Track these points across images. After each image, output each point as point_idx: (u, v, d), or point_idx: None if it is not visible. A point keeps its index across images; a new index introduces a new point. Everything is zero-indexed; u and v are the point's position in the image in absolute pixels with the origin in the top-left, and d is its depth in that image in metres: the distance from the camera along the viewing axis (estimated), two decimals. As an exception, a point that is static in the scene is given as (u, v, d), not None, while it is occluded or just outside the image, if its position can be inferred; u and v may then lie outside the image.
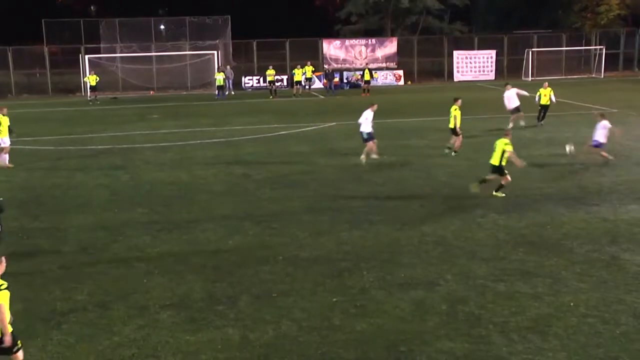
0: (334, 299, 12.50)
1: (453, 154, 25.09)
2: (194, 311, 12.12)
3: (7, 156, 24.97)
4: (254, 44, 55.31)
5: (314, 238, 16.07)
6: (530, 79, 56.64)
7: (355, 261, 14.44)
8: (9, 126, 24.87)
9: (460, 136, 25.02)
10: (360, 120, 24.58)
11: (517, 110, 31.13)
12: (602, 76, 57.97)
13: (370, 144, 24.27)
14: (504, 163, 19.18)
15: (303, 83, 50.40)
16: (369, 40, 57.78)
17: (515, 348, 10.51)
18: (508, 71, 58.78)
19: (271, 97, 47.24)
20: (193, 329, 11.39)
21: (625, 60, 61.70)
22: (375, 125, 24.76)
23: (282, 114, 38.58)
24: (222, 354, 10.56)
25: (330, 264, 14.33)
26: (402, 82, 55.90)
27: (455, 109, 24.68)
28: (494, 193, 19.33)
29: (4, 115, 24.82)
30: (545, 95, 31.87)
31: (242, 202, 19.46)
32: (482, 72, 57.68)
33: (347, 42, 57.69)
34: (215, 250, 15.38)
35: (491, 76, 57.46)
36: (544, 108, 31.87)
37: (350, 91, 51.38)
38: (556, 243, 15.42)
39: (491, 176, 19.51)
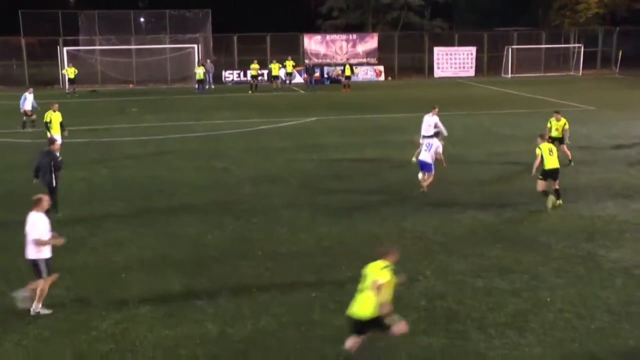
0: (313, 294, 12.54)
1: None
2: (173, 306, 12.11)
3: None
4: (235, 38, 55.12)
5: (293, 233, 16.09)
6: (510, 76, 56.95)
7: (335, 256, 14.48)
8: (60, 122, 24.37)
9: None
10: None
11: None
12: (581, 74, 58.40)
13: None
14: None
15: (283, 78, 50.32)
16: (350, 36, 57.80)
17: (493, 343, 10.61)
18: (488, 68, 59.08)
19: (251, 91, 47.13)
20: (172, 324, 11.38)
21: (603, 58, 62.19)
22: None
23: (262, 108, 38.51)
24: (201, 348, 10.56)
25: (309, 259, 14.37)
26: (382, 78, 55.99)
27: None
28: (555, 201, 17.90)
29: (55, 111, 24.27)
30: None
31: (222, 197, 19.43)
32: (462, 69, 57.88)
33: (328, 37, 57.68)
34: (194, 245, 15.35)
35: (471, 73, 57.70)
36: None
37: (330, 86, 51.41)
38: (533, 239, 15.55)
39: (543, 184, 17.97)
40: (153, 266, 13.98)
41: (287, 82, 50.89)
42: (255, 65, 48.85)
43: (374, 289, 9.35)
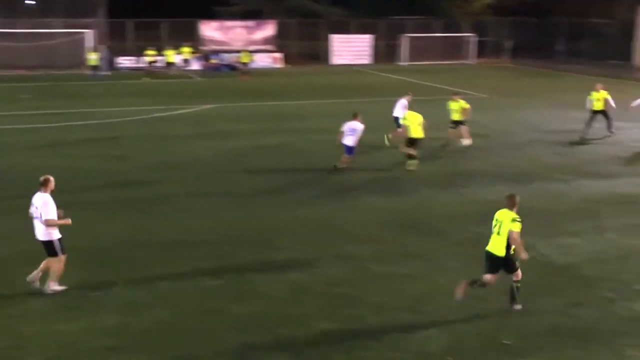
0: (213, 283, 12.48)
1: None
2: (69, 299, 11.80)
3: None
4: (130, 23, 53.87)
5: (192, 222, 15.94)
6: (406, 63, 57.95)
7: (234, 245, 14.45)
8: None
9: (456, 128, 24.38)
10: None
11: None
12: (474, 62, 60.03)
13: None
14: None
15: (180, 64, 49.59)
16: (248, 22, 57.44)
17: (390, 327, 10.83)
18: (384, 56, 59.90)
19: (147, 78, 46.21)
20: (68, 318, 11.09)
21: (495, 47, 64.11)
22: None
23: (159, 95, 37.84)
24: (99, 341, 10.34)
25: (208, 247, 14.27)
26: (280, 65, 55.94)
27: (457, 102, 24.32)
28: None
29: None
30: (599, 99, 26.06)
31: (118, 186, 19.02)
32: (359, 56, 58.48)
33: (226, 23, 57.12)
34: (90, 236, 14.95)
35: (368, 60, 58.37)
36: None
37: (228, 73, 50.95)
38: (430, 224, 15.96)
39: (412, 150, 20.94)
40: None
41: (184, 68, 50.17)
42: (151, 52, 47.93)
43: (511, 238, 11.03)
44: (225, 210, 16.88)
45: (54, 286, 12.04)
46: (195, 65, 51.94)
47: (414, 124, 20.90)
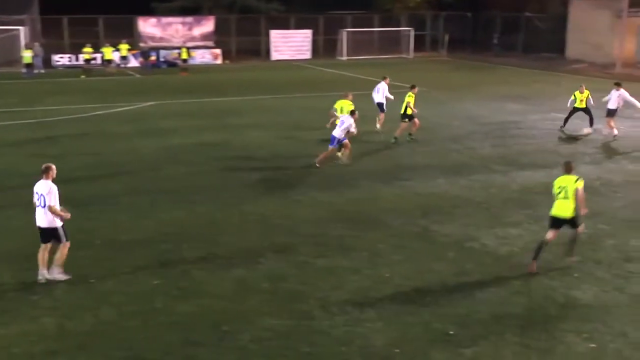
0: (155, 282, 12.33)
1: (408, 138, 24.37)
2: (5, 302, 11.51)
3: None
4: (65, 20, 52.77)
5: (133, 220, 15.72)
6: (345, 58, 58.15)
7: (176, 242, 14.30)
8: None
9: (407, 122, 24.15)
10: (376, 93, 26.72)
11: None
12: (412, 56, 60.60)
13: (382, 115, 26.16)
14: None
15: (118, 61, 48.86)
16: (186, 19, 56.85)
17: (336, 321, 10.86)
18: (324, 51, 60.01)
19: (84, 76, 45.34)
20: (4, 322, 10.80)
21: (432, 41, 64.88)
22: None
23: (97, 93, 37.15)
24: (37, 346, 10.10)
25: (150, 246, 14.09)
26: (220, 61, 55.51)
27: (410, 96, 24.02)
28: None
29: None
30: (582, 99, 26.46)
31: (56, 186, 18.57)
32: (298, 52, 58.47)
33: (164, 20, 56.41)
34: (26, 236, 14.55)
35: (308, 55, 58.40)
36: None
37: (167, 70, 50.38)
38: (373, 217, 16.05)
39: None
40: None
41: (122, 65, 49.43)
42: (88, 49, 47.01)
43: (579, 195, 12.38)
44: (167, 208, 16.68)
45: (58, 274, 12.24)
46: (134, 62, 51.21)
47: (338, 109, 22.19)
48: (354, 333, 10.49)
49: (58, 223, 12.20)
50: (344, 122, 20.35)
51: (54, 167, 12.55)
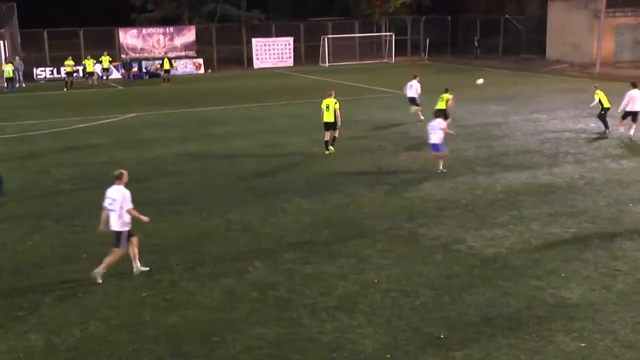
0: (143, 294, 12.26)
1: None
2: (-8, 319, 11.40)
3: None
4: (45, 33, 52.52)
5: (118, 233, 15.60)
6: (327, 64, 58.26)
7: (163, 253, 14.23)
8: None
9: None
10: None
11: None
12: (393, 61, 60.78)
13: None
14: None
15: (99, 74, 48.69)
16: (167, 29, 56.74)
17: (325, 328, 10.84)
18: (306, 58, 60.09)
19: (66, 89, 45.14)
20: (-9, 339, 10.70)
21: (413, 45, 65.13)
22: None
23: (79, 106, 37.01)
24: (25, 362, 10.02)
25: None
26: (202, 71, 55.47)
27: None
28: (330, 148, 22.92)
29: None
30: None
31: (40, 200, 18.50)
32: (280, 59, 58.53)
33: (145, 30, 56.27)
34: (12, 252, 14.53)
35: (290, 63, 58.46)
36: None
37: (149, 81, 50.27)
38: (358, 223, 16.05)
39: (327, 135, 23.01)
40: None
41: (104, 77, 49.26)
42: (69, 62, 46.84)
43: None
44: (152, 219, 16.47)
45: (98, 274, 12.78)
46: (116, 74, 51.06)
47: (324, 108, 22.89)
48: (344, 339, 10.47)
49: (127, 227, 12.80)
50: (435, 127, 20.34)
51: (126, 173, 13.06)
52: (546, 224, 15.67)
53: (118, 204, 12.64)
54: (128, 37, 54.89)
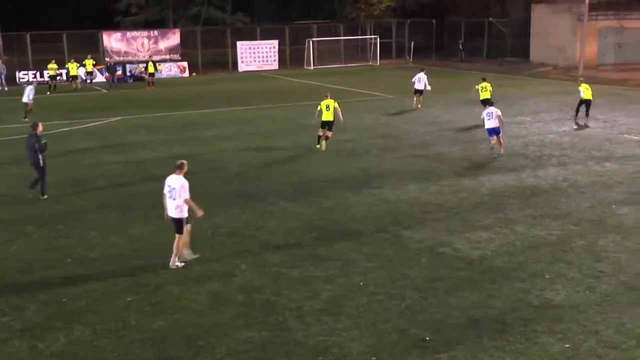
0: (129, 299, 12.22)
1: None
2: (-25, 325, 11.32)
3: None
4: (27, 36, 52.22)
5: (104, 237, 15.57)
6: (312, 67, 58.29)
7: (149, 258, 14.19)
8: None
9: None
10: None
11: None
12: (378, 64, 60.91)
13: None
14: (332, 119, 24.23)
15: (83, 77, 48.49)
16: (151, 32, 56.56)
17: (311, 331, 10.85)
18: (291, 61, 60.10)
19: (49, 92, 44.90)
20: (-25, 345, 10.64)
21: (398, 48, 65.29)
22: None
23: (63, 109, 36.81)
24: (9, 368, 9.97)
25: (122, 262, 13.98)
26: (187, 74, 55.35)
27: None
28: (323, 143, 24.03)
29: None
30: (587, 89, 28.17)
31: (23, 205, 18.39)
32: (265, 62, 58.48)
33: (129, 34, 56.06)
34: (-4, 257, 14.44)
35: (275, 66, 58.44)
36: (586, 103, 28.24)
37: (134, 84, 50.11)
38: (344, 226, 16.07)
39: (321, 132, 24.16)
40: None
41: (88, 81, 49.05)
42: (52, 65, 46.58)
43: None
44: (138, 223, 16.56)
45: (177, 262, 13.55)
46: (100, 78, 50.86)
47: (324, 108, 24.17)
48: (330, 342, 10.48)
49: (185, 215, 13.44)
50: (492, 114, 22.64)
51: (186, 163, 13.91)
52: (531, 226, 15.76)
53: (177, 192, 13.35)
54: (112, 41, 54.68)
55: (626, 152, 23.26)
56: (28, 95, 32.63)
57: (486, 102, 24.72)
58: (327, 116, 24.12)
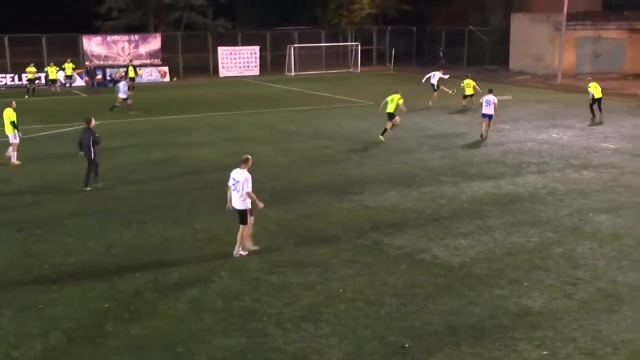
0: (106, 305, 12.12)
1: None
2: (-50, 332, 11.18)
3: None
4: (5, 39, 51.75)
5: (81, 242, 15.44)
6: (293, 73, 58.28)
7: (127, 264, 14.10)
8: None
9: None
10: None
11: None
12: (359, 70, 61.01)
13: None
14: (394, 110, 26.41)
15: (62, 81, 48.13)
16: (132, 37, 56.26)
17: (290, 338, 10.82)
18: (272, 67, 60.02)
19: (28, 96, 44.51)
20: (-51, 351, 10.50)
21: (379, 55, 65.46)
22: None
23: (42, 113, 36.50)
24: (-16, 375, 9.84)
25: (100, 268, 13.87)
26: (167, 79, 55.12)
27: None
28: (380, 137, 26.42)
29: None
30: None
31: (0, 209, 18.21)
32: (247, 68, 58.37)
33: (109, 38, 55.74)
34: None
35: (256, 71, 58.33)
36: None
37: (114, 89, 49.71)
38: (324, 232, 16.06)
39: (389, 124, 26.56)
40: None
41: (67, 85, 48.71)
42: (31, 69, 46.17)
43: None
44: (116, 228, 16.45)
45: (241, 251, 14.32)
46: (79, 82, 50.52)
47: (393, 102, 26.63)
48: (309, 349, 10.46)
49: (248, 206, 14.10)
50: (490, 101, 26.45)
51: (250, 158, 14.47)
52: (509, 234, 15.83)
53: (241, 185, 13.93)
54: (92, 44, 54.34)
55: (603, 161, 23.46)
56: (123, 90, 35.76)
57: (489, 90, 27.73)
58: (390, 108, 26.66)
